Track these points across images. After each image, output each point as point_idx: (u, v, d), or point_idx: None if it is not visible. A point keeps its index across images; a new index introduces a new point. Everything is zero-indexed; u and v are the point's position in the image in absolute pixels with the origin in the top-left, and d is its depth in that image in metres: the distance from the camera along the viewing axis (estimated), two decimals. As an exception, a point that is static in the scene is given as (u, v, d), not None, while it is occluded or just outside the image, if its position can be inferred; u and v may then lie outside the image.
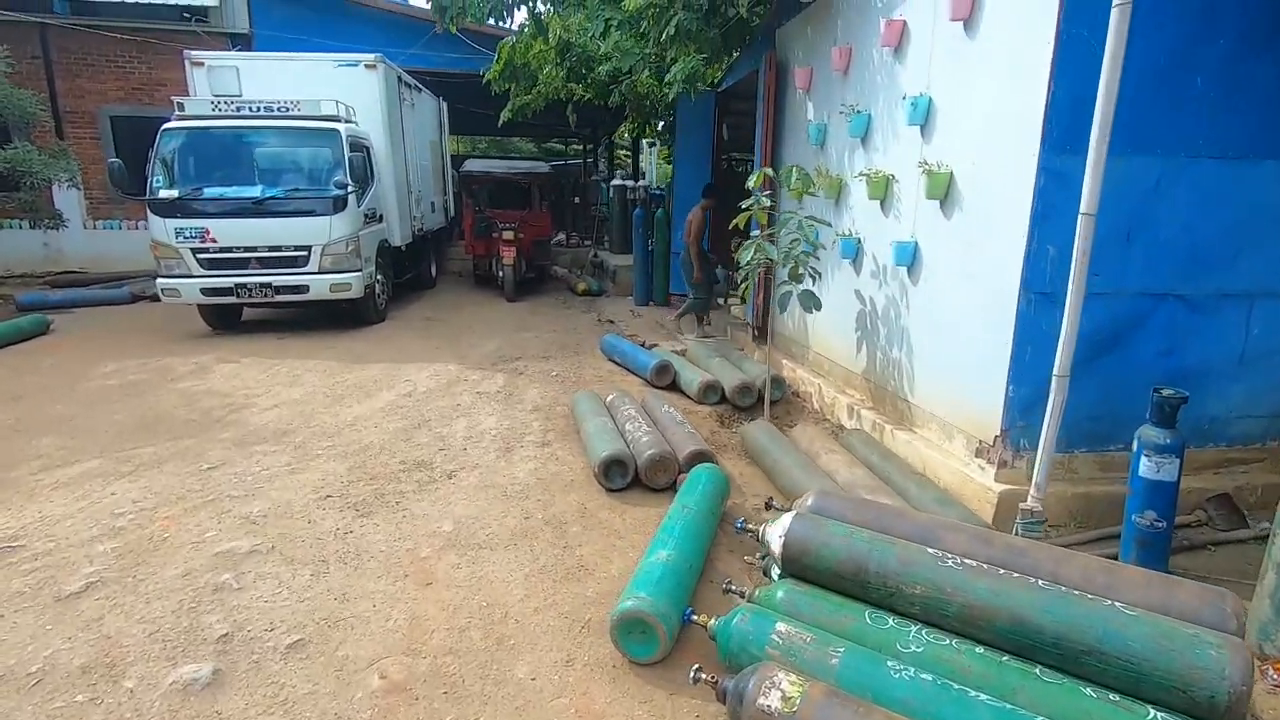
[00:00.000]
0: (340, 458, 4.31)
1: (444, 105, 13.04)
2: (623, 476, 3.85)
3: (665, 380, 5.77)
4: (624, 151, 24.70)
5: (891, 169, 4.32)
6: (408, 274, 10.35)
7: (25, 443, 4.46)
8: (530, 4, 7.57)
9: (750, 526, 3.02)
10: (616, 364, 6.62)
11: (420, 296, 10.89)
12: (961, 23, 3.55)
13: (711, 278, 7.79)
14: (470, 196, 11.70)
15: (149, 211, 7.42)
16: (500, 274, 10.63)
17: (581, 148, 32.86)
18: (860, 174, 4.50)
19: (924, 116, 3.90)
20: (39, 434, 4.62)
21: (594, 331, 8.46)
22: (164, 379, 6.06)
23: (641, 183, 13.55)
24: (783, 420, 5.13)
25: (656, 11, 5.99)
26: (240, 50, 12.96)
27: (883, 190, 4.37)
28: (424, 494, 3.81)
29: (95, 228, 13.13)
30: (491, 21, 8.17)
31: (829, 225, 4.72)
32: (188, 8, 12.40)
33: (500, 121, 10.03)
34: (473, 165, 11.97)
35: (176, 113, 7.74)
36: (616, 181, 13.47)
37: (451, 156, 14.00)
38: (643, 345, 6.94)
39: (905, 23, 4.13)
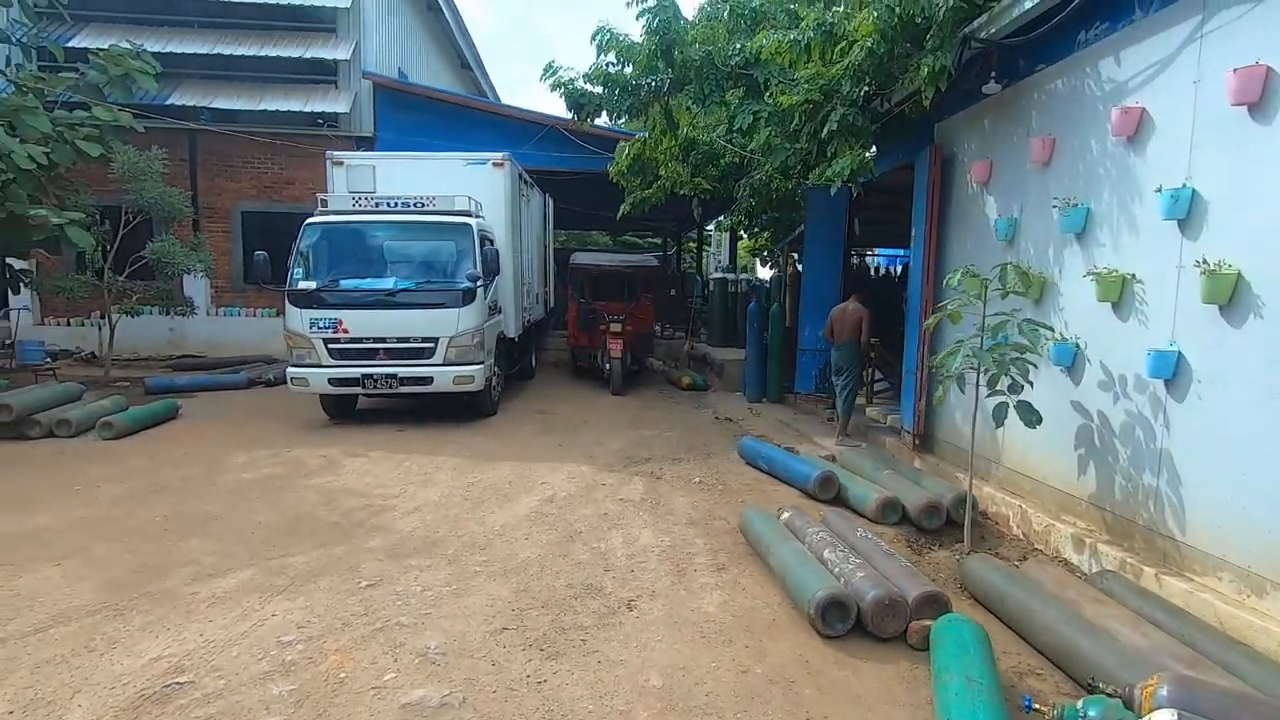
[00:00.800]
0: (500, 577, 3.88)
1: (549, 201, 13.38)
2: (843, 621, 3.26)
3: (829, 494, 5.20)
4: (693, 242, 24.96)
5: (1131, 268, 3.82)
6: (517, 365, 10.24)
7: (175, 544, 4.22)
8: (663, 101, 7.64)
9: (1044, 710, 2.39)
10: (761, 471, 6.09)
11: (524, 387, 10.73)
12: (1246, 107, 3.12)
13: (859, 379, 7.30)
14: (575, 288, 11.72)
15: (287, 302, 7.55)
16: (607, 367, 10.40)
17: (658, 241, 33.57)
18: (1089, 274, 4.01)
19: (1186, 210, 3.43)
20: (187, 534, 4.39)
21: (716, 430, 8.00)
22: (297, 473, 5.86)
23: (744, 275, 13.37)
24: (980, 548, 4.46)
25: (811, 108, 5.84)
26: (364, 150, 13.83)
27: (1117, 292, 3.86)
28: (609, 630, 3.31)
29: (217, 314, 13.72)
30: (622, 121, 8.32)
31: (1050, 329, 4.20)
32: (320, 114, 13.31)
33: (619, 215, 10.10)
34: (581, 257, 12.07)
35: (319, 208, 8.00)
36: (716, 274, 13.33)
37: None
38: (789, 450, 6.41)
39: (1144, 110, 3.74)
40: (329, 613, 3.37)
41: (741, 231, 15.74)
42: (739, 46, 6.43)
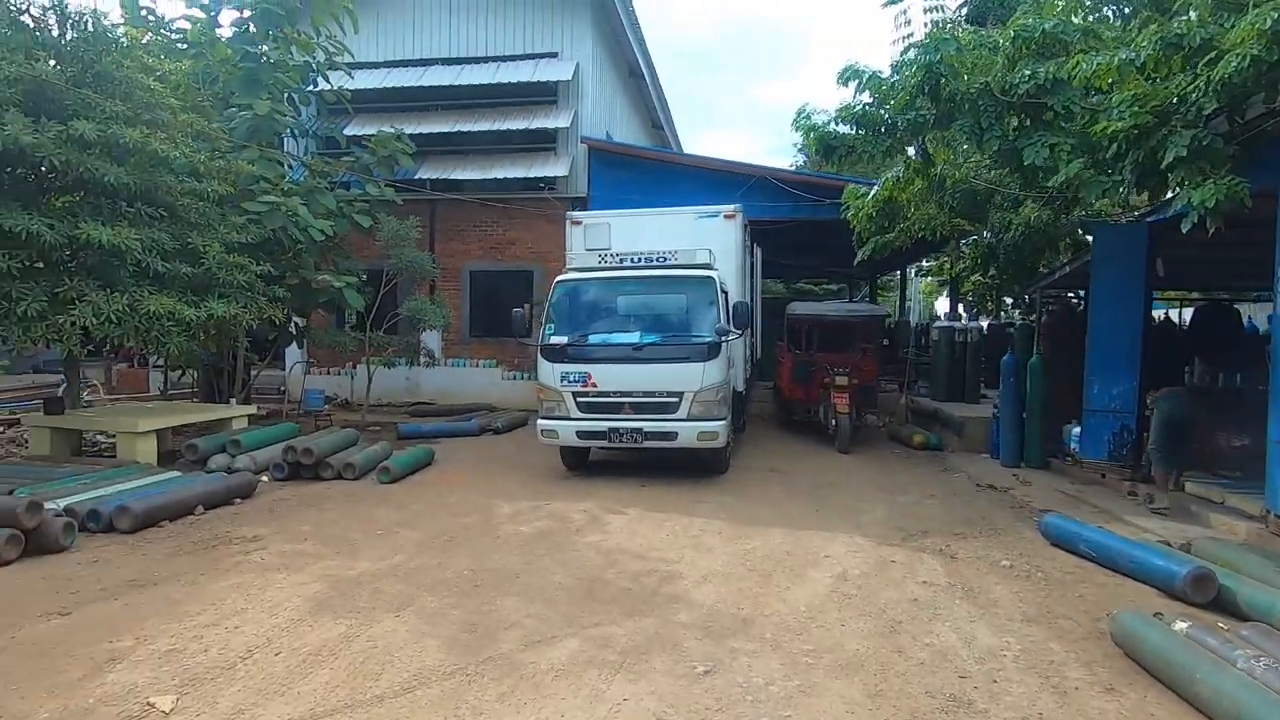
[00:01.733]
0: (840, 673, 3.43)
1: (759, 251, 13.19)
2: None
3: (1204, 596, 4.21)
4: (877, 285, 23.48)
5: None
6: (741, 419, 9.95)
7: (491, 602, 4.26)
8: (923, 139, 7.13)
9: None
10: (1082, 556, 5.16)
11: (741, 441, 10.37)
12: None
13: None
14: (790, 338, 11.30)
15: (539, 356, 7.84)
16: (833, 422, 9.78)
17: (835, 287, 32.25)
18: None
19: None
20: (498, 591, 4.43)
21: (985, 500, 7.07)
22: (567, 529, 5.87)
23: (973, 323, 12.18)
24: None
25: (1137, 134, 5.03)
26: (579, 209, 14.60)
27: None
28: (1017, 764, 2.72)
29: (447, 365, 14.84)
30: (859, 166, 7.89)
31: None
32: (541, 179, 14.26)
33: (856, 260, 9.61)
34: (799, 307, 11.67)
35: (568, 265, 8.32)
36: (941, 322, 12.27)
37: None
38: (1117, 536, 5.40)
39: None
40: (681, 703, 3.11)
41: (954, 274, 14.40)
42: (1028, 74, 5.79)
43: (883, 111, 6.99)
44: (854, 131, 7.14)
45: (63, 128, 6.76)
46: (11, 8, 7.20)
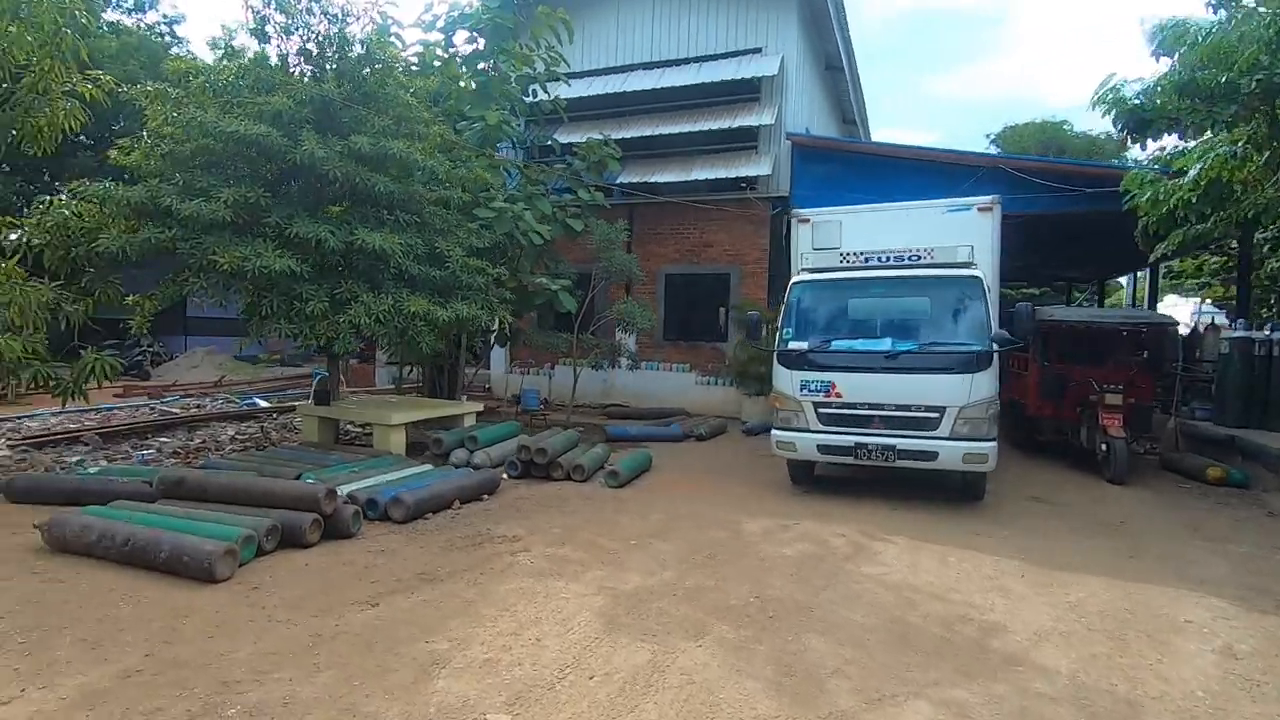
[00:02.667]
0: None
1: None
2: None
3: None
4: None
5: None
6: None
7: (794, 641, 3.81)
8: (1274, 107, 5.74)
9: None
10: None
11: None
12: None
13: None
14: (1042, 348, 9.89)
15: (775, 362, 7.35)
16: (1102, 447, 8.35)
17: (1036, 291, 28.72)
18: None
19: None
20: (796, 627, 3.97)
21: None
22: (832, 555, 5.31)
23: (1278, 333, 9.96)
24: None
25: None
26: (778, 209, 14.02)
27: None
28: None
29: (640, 368, 14.82)
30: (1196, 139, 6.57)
31: None
32: (742, 178, 13.83)
33: (1151, 259, 8.14)
34: (1058, 312, 10.21)
35: (802, 265, 7.77)
36: (1236, 332, 10.17)
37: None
38: None
39: None
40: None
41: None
42: None
43: (1219, 75, 5.71)
44: (1177, 102, 5.90)
45: (344, 143, 7.34)
46: (303, 35, 7.97)
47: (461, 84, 11.46)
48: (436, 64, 11.57)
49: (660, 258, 14.88)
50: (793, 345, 7.24)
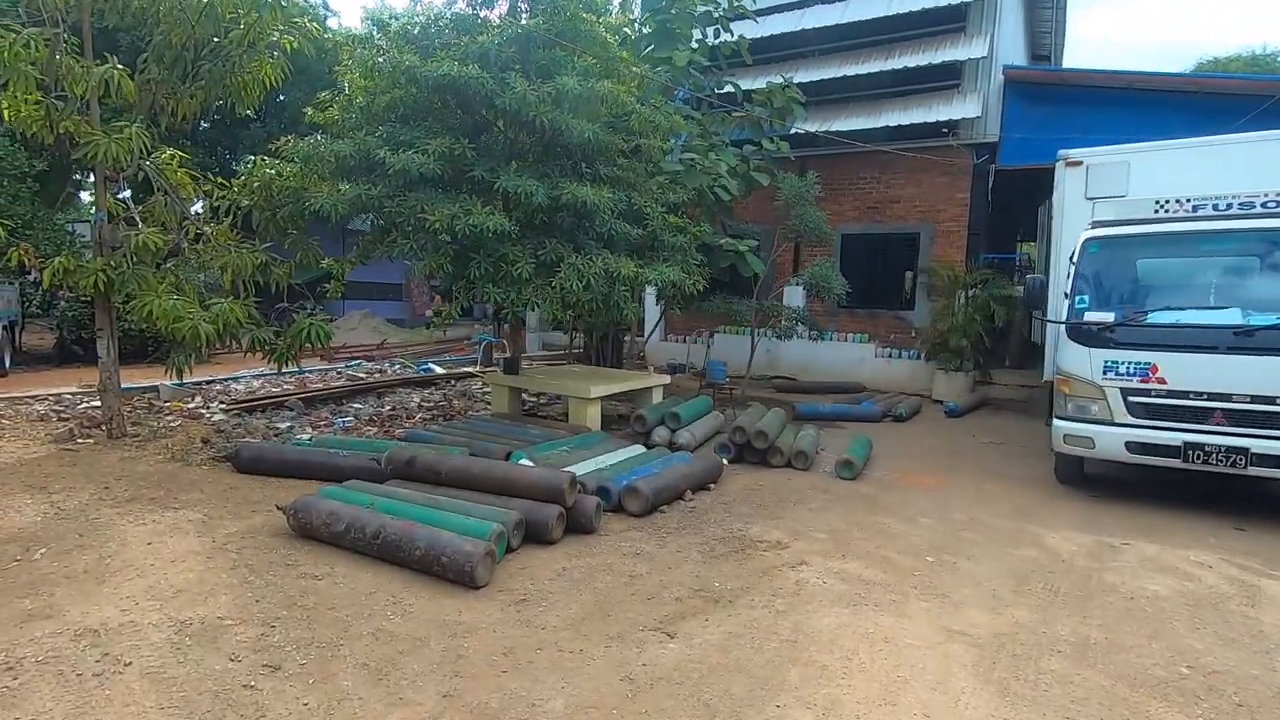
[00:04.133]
0: None
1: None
2: None
3: None
4: None
5: None
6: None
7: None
8: None
9: None
10: None
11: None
12: None
13: None
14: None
15: (1066, 337, 5.97)
16: None
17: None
18: None
19: None
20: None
21: None
22: (1221, 598, 4.02)
23: None
24: None
25: None
26: (983, 160, 12.18)
27: None
28: None
29: (807, 338, 13.55)
30: None
31: None
32: (944, 123, 12.08)
33: None
34: None
35: (1094, 219, 6.27)
36: None
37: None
38: None
39: None
40: None
41: None
42: None
43: None
44: None
45: (550, 84, 6.57)
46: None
47: (640, 26, 10.48)
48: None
49: (836, 216, 13.36)
50: (1092, 316, 5.82)
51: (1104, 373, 5.69)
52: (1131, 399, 5.59)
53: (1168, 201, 5.93)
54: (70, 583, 3.59)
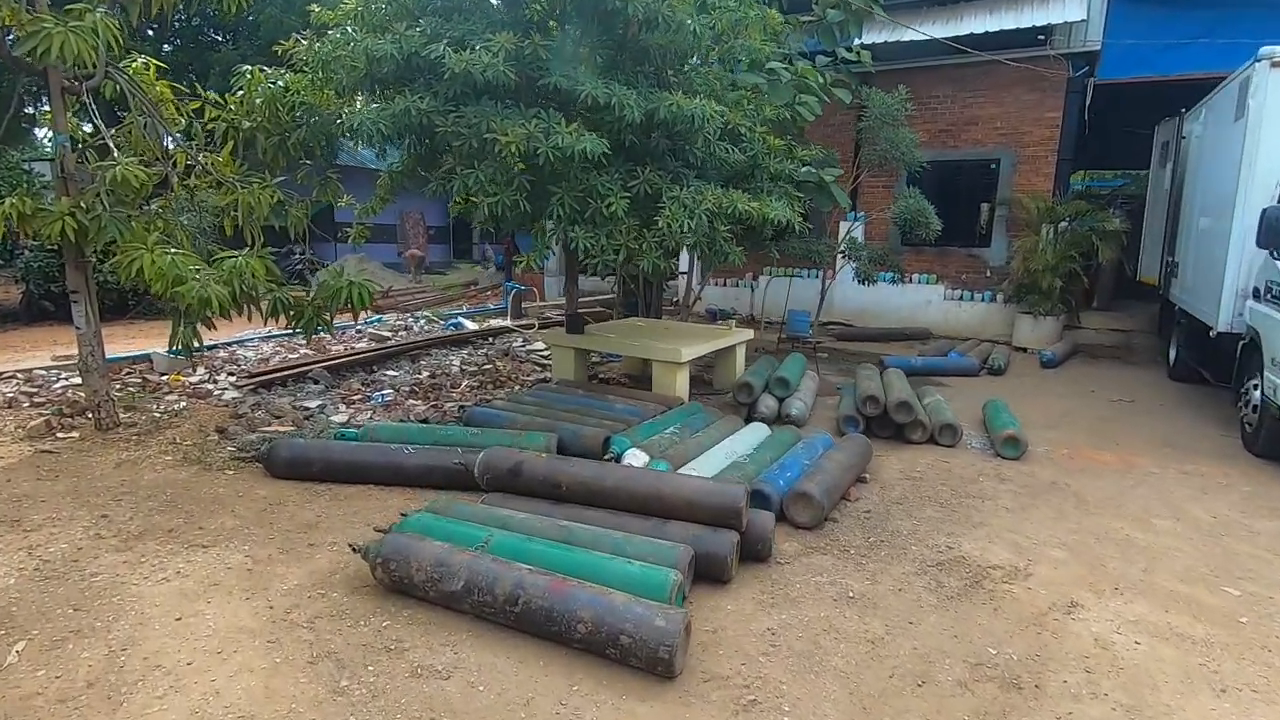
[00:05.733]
0: None
1: None
2: None
3: None
4: None
5: None
6: None
7: None
8: None
9: None
10: None
11: None
12: None
13: None
14: None
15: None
16: None
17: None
18: None
19: None
20: None
21: None
22: None
23: None
24: None
25: None
26: (1083, 72, 10.64)
27: None
28: None
29: (896, 280, 12.15)
30: None
31: None
32: (1040, 29, 10.45)
33: None
34: None
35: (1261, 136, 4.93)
36: None
37: None
38: None
39: None
40: None
41: None
42: None
43: None
44: None
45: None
46: None
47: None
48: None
49: (902, 141, 11.87)
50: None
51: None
52: None
53: None
54: (67, 715, 2.32)
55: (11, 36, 4.52)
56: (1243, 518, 4.29)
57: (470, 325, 10.02)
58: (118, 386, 6.21)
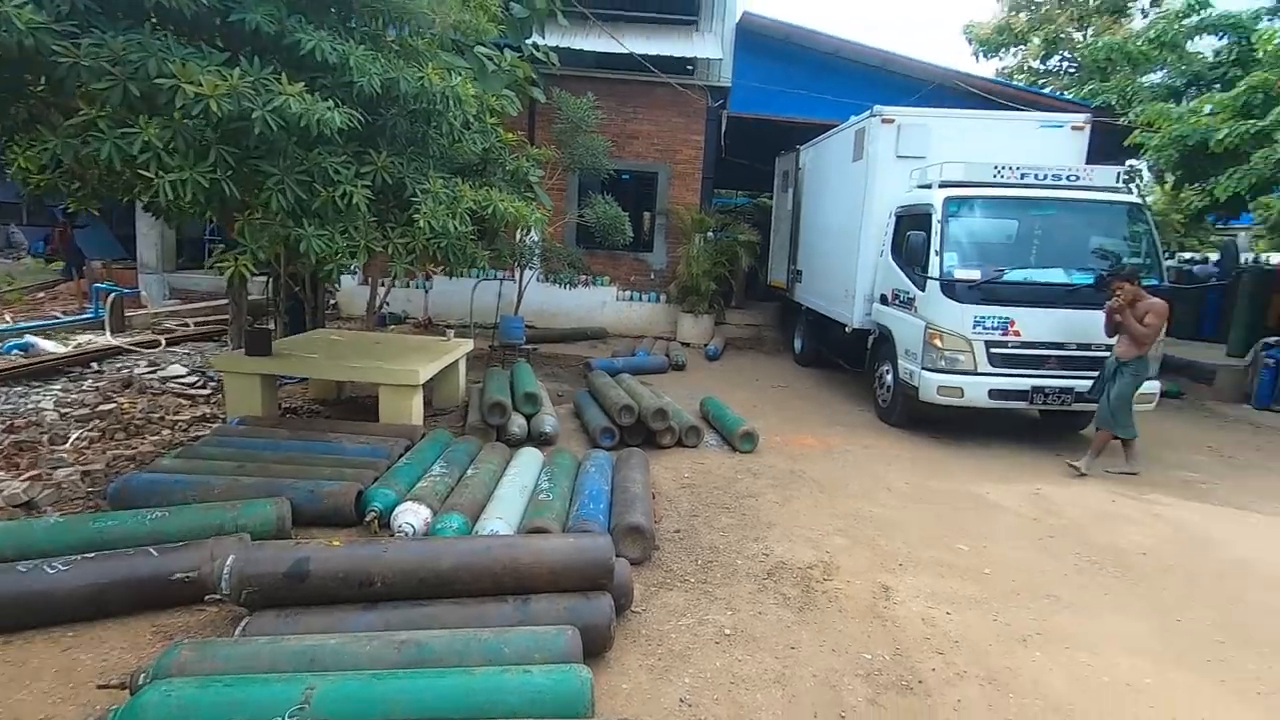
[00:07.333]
0: None
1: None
2: None
3: None
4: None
5: None
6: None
7: None
8: None
9: None
10: None
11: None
12: None
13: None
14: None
15: (940, 293, 6.20)
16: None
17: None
18: None
19: None
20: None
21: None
22: (1193, 539, 4.59)
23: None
24: None
25: None
26: (718, 104, 12.32)
27: None
28: None
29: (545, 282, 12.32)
30: None
31: None
32: (689, 60, 11.76)
33: (1219, 199, 8.46)
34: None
35: (941, 178, 6.58)
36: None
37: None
38: None
39: None
40: None
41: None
42: None
43: None
44: None
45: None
46: None
47: None
48: None
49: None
50: (962, 274, 6.16)
51: (974, 327, 6.10)
52: (993, 350, 6.13)
53: (1003, 168, 6.52)
54: None
55: None
56: (925, 480, 5.42)
57: (50, 346, 7.03)
58: None
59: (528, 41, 9.42)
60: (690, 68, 11.93)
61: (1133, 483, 5.59)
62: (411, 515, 3.73)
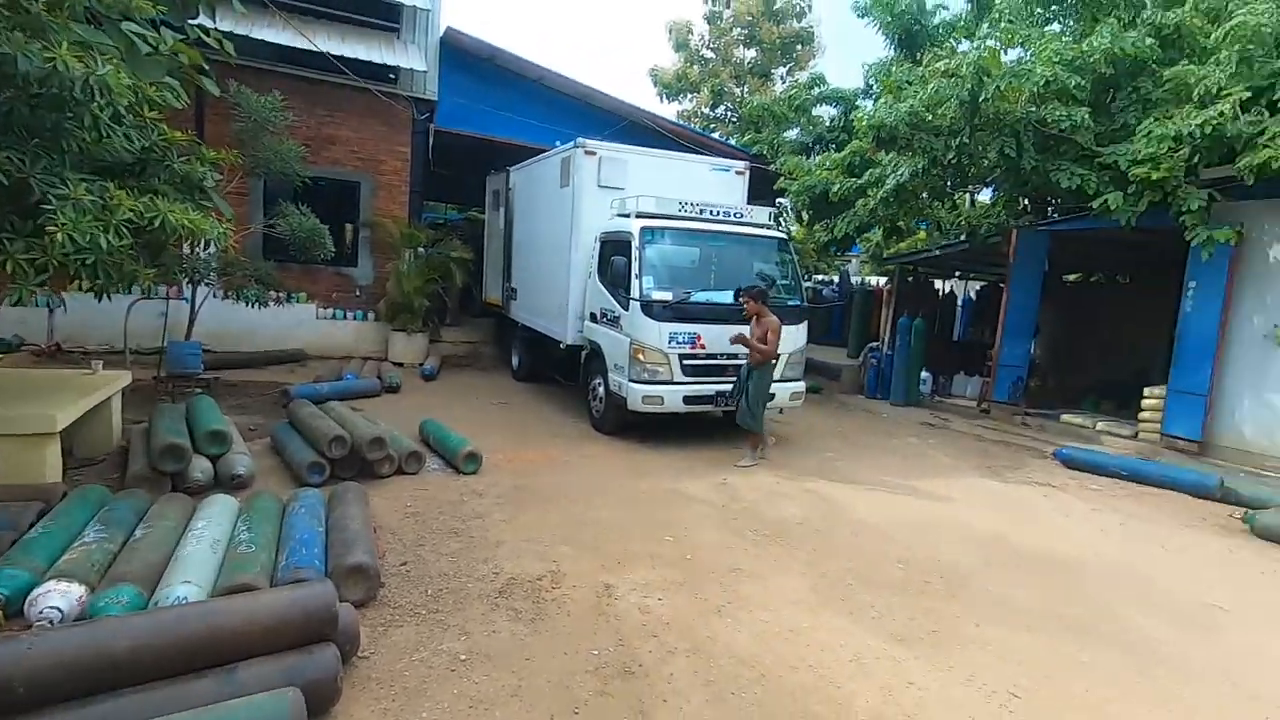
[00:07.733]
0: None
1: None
2: None
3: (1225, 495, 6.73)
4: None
5: None
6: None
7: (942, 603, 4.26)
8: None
9: None
10: (1108, 475, 7.43)
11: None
12: None
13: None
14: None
15: (641, 312, 6.90)
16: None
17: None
18: None
19: None
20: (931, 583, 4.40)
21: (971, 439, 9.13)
22: (836, 508, 5.75)
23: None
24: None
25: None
26: (425, 117, 11.99)
27: None
28: None
29: (226, 299, 10.83)
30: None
31: None
32: (389, 67, 11.26)
33: (826, 241, 10.52)
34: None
35: (637, 209, 7.34)
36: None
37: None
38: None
39: None
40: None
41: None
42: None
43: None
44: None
45: None
46: None
47: None
48: None
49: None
50: (658, 295, 6.95)
51: (670, 342, 6.93)
52: (685, 362, 7.04)
53: (686, 203, 7.51)
54: None
55: None
56: (636, 482, 6.00)
57: None
58: None
59: (192, 23, 8.18)
60: (393, 76, 11.47)
61: (791, 466, 6.89)
62: (55, 597, 3.04)
